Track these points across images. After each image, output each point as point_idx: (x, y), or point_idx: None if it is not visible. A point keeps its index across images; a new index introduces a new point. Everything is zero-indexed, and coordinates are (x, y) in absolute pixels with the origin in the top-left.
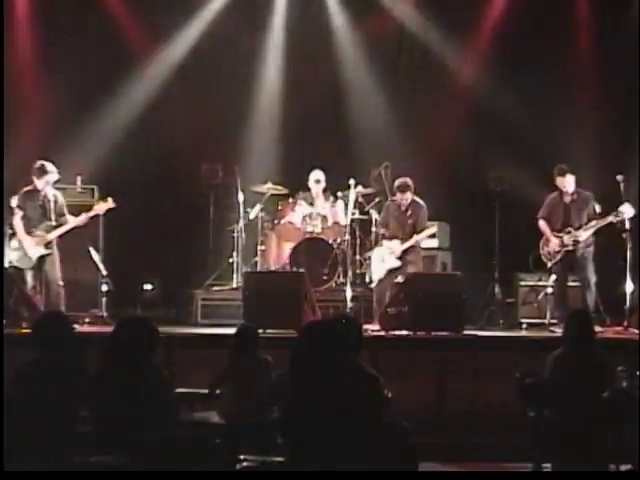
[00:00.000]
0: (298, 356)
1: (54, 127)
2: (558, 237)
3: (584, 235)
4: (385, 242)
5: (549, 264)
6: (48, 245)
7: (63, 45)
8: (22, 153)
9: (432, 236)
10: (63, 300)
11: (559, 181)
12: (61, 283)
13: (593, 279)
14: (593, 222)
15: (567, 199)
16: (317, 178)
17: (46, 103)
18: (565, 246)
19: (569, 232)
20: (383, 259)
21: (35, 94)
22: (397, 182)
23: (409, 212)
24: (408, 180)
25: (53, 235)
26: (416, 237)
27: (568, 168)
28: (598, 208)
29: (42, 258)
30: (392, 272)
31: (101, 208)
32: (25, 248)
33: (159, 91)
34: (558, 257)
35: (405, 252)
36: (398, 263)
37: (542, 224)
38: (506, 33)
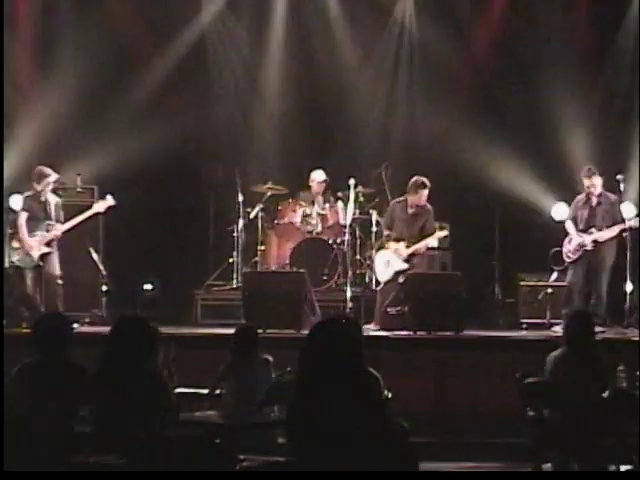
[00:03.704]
0: (307, 356)
1: (54, 127)
2: (580, 237)
3: (604, 236)
4: (391, 244)
5: (567, 262)
6: (49, 244)
7: (63, 45)
8: (22, 153)
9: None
10: (61, 298)
11: (586, 182)
12: (60, 282)
13: (604, 287)
14: (615, 225)
15: (593, 201)
16: (324, 178)
17: (46, 102)
18: (584, 246)
19: (591, 233)
20: (389, 262)
21: (35, 94)
22: (415, 180)
23: (417, 214)
24: (425, 179)
25: (54, 234)
26: (427, 240)
27: (596, 170)
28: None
29: (43, 257)
30: (399, 274)
31: (101, 206)
32: (27, 248)
33: (159, 91)
34: (577, 256)
35: (412, 254)
36: (406, 266)
37: (568, 224)
38: (507, 33)
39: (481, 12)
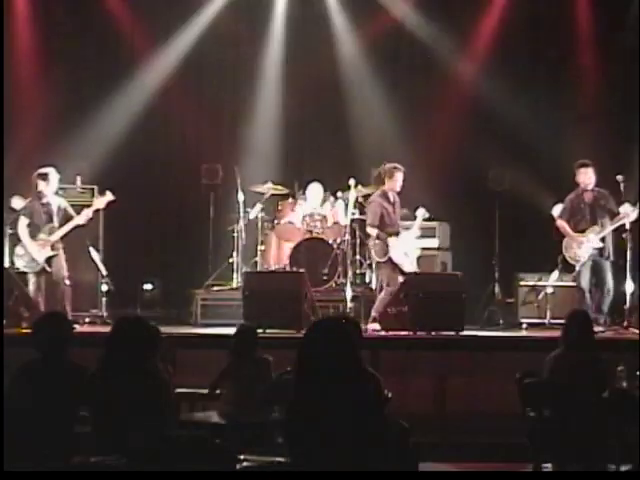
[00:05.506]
0: (305, 355)
1: (54, 127)
2: (584, 237)
3: (607, 230)
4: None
5: (577, 266)
6: (54, 246)
7: (63, 45)
8: (22, 153)
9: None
10: (70, 299)
11: (582, 173)
12: (68, 282)
13: (611, 283)
14: (615, 219)
15: (588, 198)
16: (319, 192)
17: (46, 103)
18: (592, 245)
19: (593, 231)
20: (407, 253)
21: (35, 94)
22: (386, 166)
23: (398, 201)
24: (395, 163)
25: (57, 236)
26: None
27: (589, 162)
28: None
29: (49, 259)
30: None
31: (101, 202)
32: (31, 253)
33: (159, 91)
34: (586, 257)
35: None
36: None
37: (561, 224)
38: (506, 32)
39: (481, 12)
